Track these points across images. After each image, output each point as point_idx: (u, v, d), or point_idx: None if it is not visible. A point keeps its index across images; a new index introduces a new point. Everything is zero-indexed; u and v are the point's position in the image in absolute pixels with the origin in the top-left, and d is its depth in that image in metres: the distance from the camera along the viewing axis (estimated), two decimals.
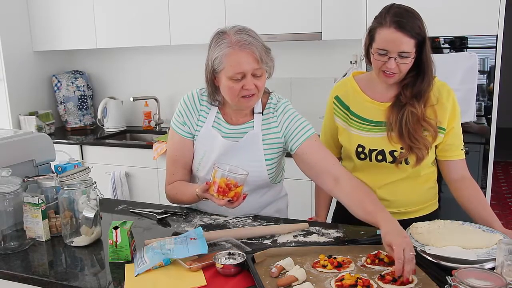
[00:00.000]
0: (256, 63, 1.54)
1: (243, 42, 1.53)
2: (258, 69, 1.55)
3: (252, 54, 1.53)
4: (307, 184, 2.96)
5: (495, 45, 2.51)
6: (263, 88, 1.62)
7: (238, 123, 1.71)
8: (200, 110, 1.71)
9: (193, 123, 1.72)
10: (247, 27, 1.60)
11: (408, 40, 1.53)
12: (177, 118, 1.74)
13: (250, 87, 1.55)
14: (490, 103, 2.60)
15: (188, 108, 1.72)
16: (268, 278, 1.29)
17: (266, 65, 1.58)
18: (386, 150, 1.67)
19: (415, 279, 1.25)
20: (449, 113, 1.65)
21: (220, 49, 1.55)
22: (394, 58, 1.54)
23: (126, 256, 1.45)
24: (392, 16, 1.54)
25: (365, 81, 1.75)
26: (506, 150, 5.50)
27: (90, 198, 1.59)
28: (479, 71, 2.55)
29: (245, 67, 1.53)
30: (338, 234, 1.62)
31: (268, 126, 1.70)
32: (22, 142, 1.81)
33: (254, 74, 1.56)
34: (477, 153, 2.63)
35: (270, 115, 1.70)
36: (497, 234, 1.41)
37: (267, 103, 1.72)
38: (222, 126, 1.71)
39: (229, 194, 1.49)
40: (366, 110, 1.70)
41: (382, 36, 1.55)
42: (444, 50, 2.67)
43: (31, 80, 3.90)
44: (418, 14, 1.58)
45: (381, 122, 1.68)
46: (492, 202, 3.25)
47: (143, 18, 3.49)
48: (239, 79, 1.54)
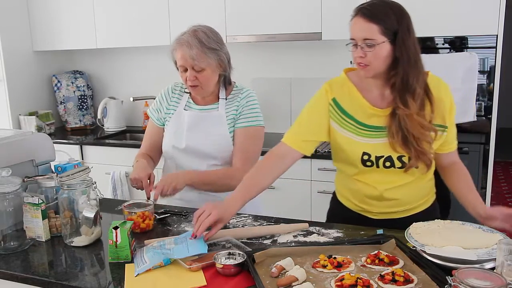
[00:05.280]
0: (191, 59, 1.81)
1: (181, 41, 1.83)
2: (195, 65, 1.81)
3: (187, 52, 1.80)
4: (307, 184, 2.96)
5: (495, 45, 2.52)
6: (207, 81, 1.87)
7: (205, 103, 1.97)
8: (171, 98, 2.01)
9: (164, 109, 2.01)
10: (203, 28, 1.87)
11: (369, 25, 1.49)
12: (153, 105, 2.07)
13: (190, 79, 1.84)
14: (490, 103, 2.60)
15: (162, 97, 2.03)
16: (268, 278, 1.29)
17: (207, 62, 1.82)
18: (393, 156, 1.60)
19: (415, 279, 1.25)
20: (448, 109, 1.61)
21: (173, 44, 1.87)
22: (361, 47, 1.52)
23: (126, 256, 1.45)
24: (359, 6, 1.54)
25: (359, 79, 1.67)
26: (506, 150, 5.50)
27: (90, 198, 1.59)
28: (479, 71, 2.55)
29: (182, 62, 1.84)
30: (338, 234, 1.62)
31: (230, 107, 1.95)
32: (22, 142, 1.81)
33: (194, 69, 1.83)
34: (477, 153, 2.64)
35: (235, 97, 1.96)
36: (497, 234, 1.41)
37: (232, 90, 1.98)
38: (191, 107, 1.98)
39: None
40: (365, 116, 1.63)
41: (350, 26, 1.56)
42: (444, 50, 2.67)
43: (31, 80, 3.90)
44: (396, 6, 1.53)
45: (382, 128, 1.61)
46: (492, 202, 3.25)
47: (143, 18, 3.49)
48: (183, 70, 1.86)
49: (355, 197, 1.73)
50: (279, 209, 2.83)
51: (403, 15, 1.53)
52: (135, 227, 1.66)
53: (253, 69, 3.60)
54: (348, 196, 1.76)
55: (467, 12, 2.54)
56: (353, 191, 1.73)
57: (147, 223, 1.69)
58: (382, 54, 1.51)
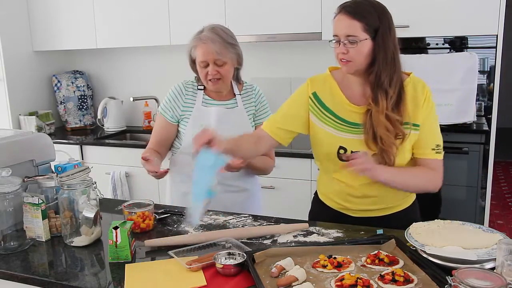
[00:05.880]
0: (215, 54, 1.89)
1: (205, 38, 1.91)
2: (218, 59, 1.90)
3: (211, 47, 1.89)
4: (307, 184, 2.96)
5: (495, 45, 2.52)
6: (228, 74, 1.96)
7: (223, 99, 2.04)
8: (186, 95, 2.02)
9: (180, 107, 2.02)
10: (219, 26, 1.98)
11: (352, 22, 1.53)
12: (165, 104, 2.04)
13: (212, 73, 1.92)
14: (490, 103, 2.60)
15: (175, 95, 2.03)
16: (268, 278, 1.29)
17: (228, 57, 1.93)
18: (370, 154, 1.60)
19: (415, 279, 1.25)
20: (422, 108, 1.60)
21: (193, 41, 1.95)
22: (343, 43, 1.56)
23: (126, 256, 1.45)
24: (342, 4, 1.59)
25: (342, 76, 1.70)
26: (506, 150, 5.50)
27: (90, 198, 1.59)
28: (479, 71, 2.55)
29: (204, 58, 1.91)
30: (338, 234, 1.62)
31: (247, 102, 2.07)
32: (22, 142, 1.81)
33: (216, 63, 1.91)
34: (477, 153, 2.63)
35: (249, 93, 2.09)
36: (497, 234, 1.41)
37: (243, 87, 2.10)
38: (211, 103, 2.03)
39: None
40: (345, 112, 1.65)
41: (334, 23, 1.62)
42: (444, 50, 2.67)
43: (31, 80, 3.90)
44: (378, 4, 1.56)
45: (360, 125, 1.63)
46: (492, 202, 3.25)
47: (143, 18, 3.49)
48: (204, 66, 1.92)
49: (336, 194, 1.75)
50: (279, 209, 2.83)
51: (384, 13, 1.56)
52: (135, 227, 1.66)
53: (253, 69, 3.60)
54: (329, 194, 1.79)
55: (467, 12, 2.54)
56: (333, 188, 1.75)
57: (147, 223, 1.69)
58: (364, 51, 1.55)
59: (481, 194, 2.68)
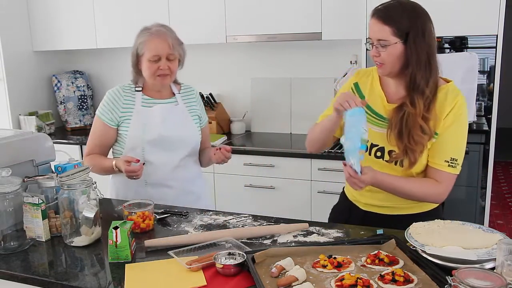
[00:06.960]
0: (169, 48, 1.93)
1: (158, 32, 1.95)
2: (171, 54, 1.94)
3: (166, 40, 1.93)
4: (307, 184, 2.96)
5: (495, 45, 2.52)
6: (176, 70, 2.01)
7: (163, 98, 2.07)
8: (124, 98, 2.03)
9: (119, 110, 2.02)
10: (166, 25, 2.03)
11: (382, 26, 1.55)
12: (103, 107, 2.04)
13: (164, 67, 1.94)
14: (490, 103, 2.60)
15: (114, 98, 2.04)
16: (268, 278, 1.29)
17: (178, 53, 1.97)
18: (386, 148, 1.66)
19: (415, 279, 1.25)
20: (445, 117, 1.60)
21: (142, 37, 1.98)
22: (375, 46, 1.58)
23: (126, 256, 1.45)
24: (376, 7, 1.60)
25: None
26: (506, 150, 5.50)
27: (90, 198, 1.59)
28: (479, 71, 2.55)
29: (157, 52, 1.93)
30: (338, 234, 1.62)
31: (188, 103, 2.11)
32: (22, 142, 1.81)
33: (168, 58, 1.94)
34: (477, 153, 2.63)
35: (188, 93, 2.14)
36: (497, 234, 1.41)
37: (182, 87, 2.14)
38: (152, 102, 2.05)
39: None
40: (378, 106, 1.69)
41: (368, 26, 1.64)
42: (444, 50, 2.67)
43: (31, 80, 3.90)
44: (410, 7, 1.57)
45: (386, 119, 1.67)
46: (492, 202, 3.25)
47: (143, 18, 3.46)
48: (155, 60, 1.94)
49: None
50: (279, 209, 2.83)
51: (417, 16, 1.56)
52: (135, 227, 1.66)
53: (253, 69, 3.60)
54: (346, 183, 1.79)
55: (467, 12, 2.54)
56: None
57: (147, 223, 1.69)
58: (395, 54, 1.57)
59: (481, 194, 2.68)
